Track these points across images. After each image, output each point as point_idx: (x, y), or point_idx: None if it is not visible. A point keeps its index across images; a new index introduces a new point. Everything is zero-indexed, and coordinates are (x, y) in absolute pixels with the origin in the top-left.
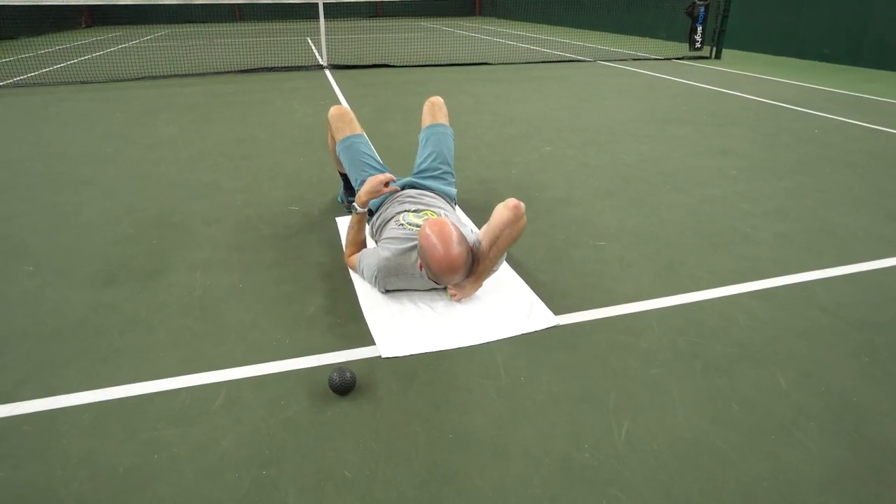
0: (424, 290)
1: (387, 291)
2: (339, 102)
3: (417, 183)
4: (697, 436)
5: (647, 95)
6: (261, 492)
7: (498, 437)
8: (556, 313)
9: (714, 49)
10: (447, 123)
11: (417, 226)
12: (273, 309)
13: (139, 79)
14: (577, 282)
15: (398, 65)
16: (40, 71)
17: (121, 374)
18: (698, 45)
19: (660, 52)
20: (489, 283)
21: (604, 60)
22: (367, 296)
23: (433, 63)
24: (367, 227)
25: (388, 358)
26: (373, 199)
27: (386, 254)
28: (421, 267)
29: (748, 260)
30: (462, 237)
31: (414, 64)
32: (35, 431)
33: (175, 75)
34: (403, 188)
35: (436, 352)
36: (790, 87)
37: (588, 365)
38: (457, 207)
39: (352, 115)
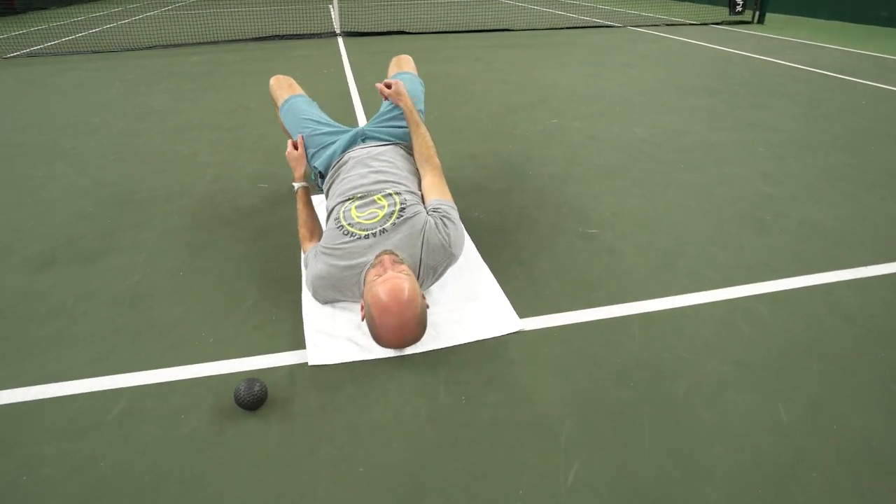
0: None
1: (325, 303)
2: (344, 71)
3: (368, 133)
4: (665, 488)
5: (676, 63)
6: None
7: (416, 476)
8: (523, 315)
9: (757, 13)
10: (414, 73)
11: (363, 231)
12: (208, 301)
13: (150, 48)
14: (556, 277)
15: (414, 31)
16: (59, 40)
17: (23, 374)
18: (739, 8)
19: (697, 16)
20: (448, 276)
21: (634, 26)
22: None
23: (450, 30)
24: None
25: (314, 366)
26: (300, 167)
27: (324, 266)
28: (362, 308)
29: (763, 253)
30: (416, 295)
31: (430, 31)
32: None
33: (185, 44)
34: (354, 139)
35: (371, 360)
36: (837, 54)
37: (547, 382)
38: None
39: (291, 80)
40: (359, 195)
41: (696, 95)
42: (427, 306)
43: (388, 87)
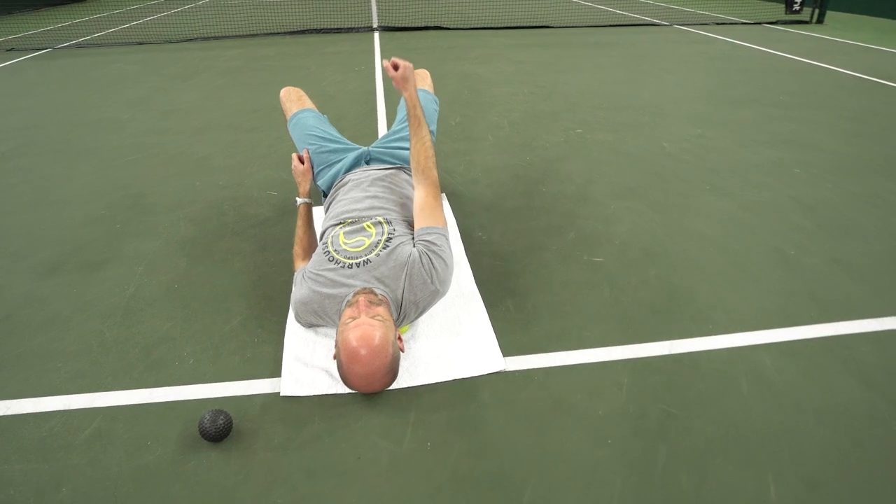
0: None
1: (308, 326)
2: (375, 68)
3: (373, 154)
4: None
5: (719, 67)
6: None
7: None
8: (508, 353)
9: (816, 12)
10: (430, 90)
11: (348, 259)
12: (195, 318)
13: (190, 40)
14: (550, 311)
15: (450, 27)
16: (108, 31)
17: (7, 386)
18: (797, 6)
19: (751, 14)
20: (438, 306)
21: (682, 24)
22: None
23: (488, 25)
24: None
25: (286, 397)
26: (305, 182)
27: (307, 292)
28: (335, 354)
29: (779, 295)
30: (387, 344)
31: (467, 27)
32: None
33: (225, 36)
34: (358, 160)
35: (344, 395)
36: None
37: (519, 433)
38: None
39: (301, 92)
40: (349, 220)
41: (734, 106)
42: (402, 350)
43: (396, 68)
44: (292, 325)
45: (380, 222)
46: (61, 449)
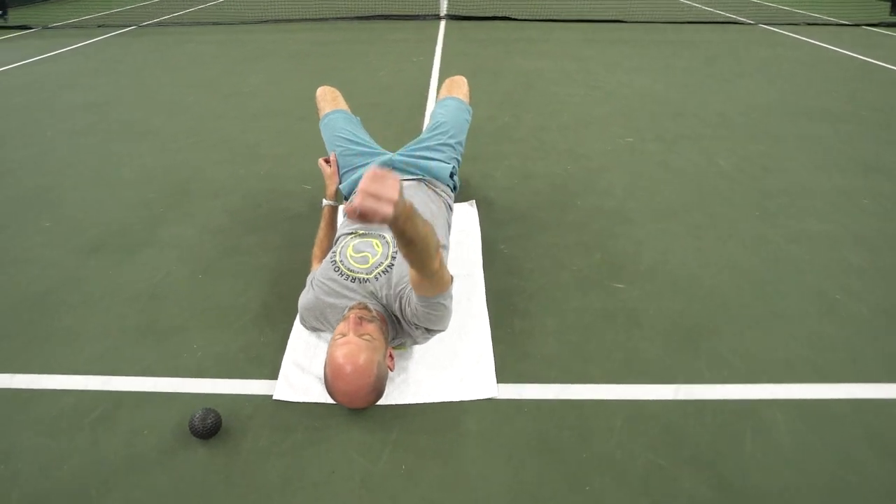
0: None
1: (312, 330)
2: (434, 58)
3: (397, 162)
4: None
5: (799, 75)
6: None
7: None
8: (504, 378)
9: None
10: (464, 100)
11: (350, 272)
12: (211, 310)
13: (263, 22)
14: (556, 338)
15: (519, 18)
16: (187, 10)
17: (37, 360)
18: None
19: (850, 14)
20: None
21: (769, 23)
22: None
23: (557, 18)
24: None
25: (277, 400)
26: (331, 185)
27: (312, 298)
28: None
29: (812, 346)
30: (371, 365)
31: (537, 18)
32: None
33: (296, 19)
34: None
35: (333, 405)
36: None
37: (496, 468)
38: (443, 194)
39: (336, 93)
40: (360, 231)
41: (811, 120)
42: (391, 369)
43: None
44: (297, 328)
45: (387, 241)
46: (70, 428)
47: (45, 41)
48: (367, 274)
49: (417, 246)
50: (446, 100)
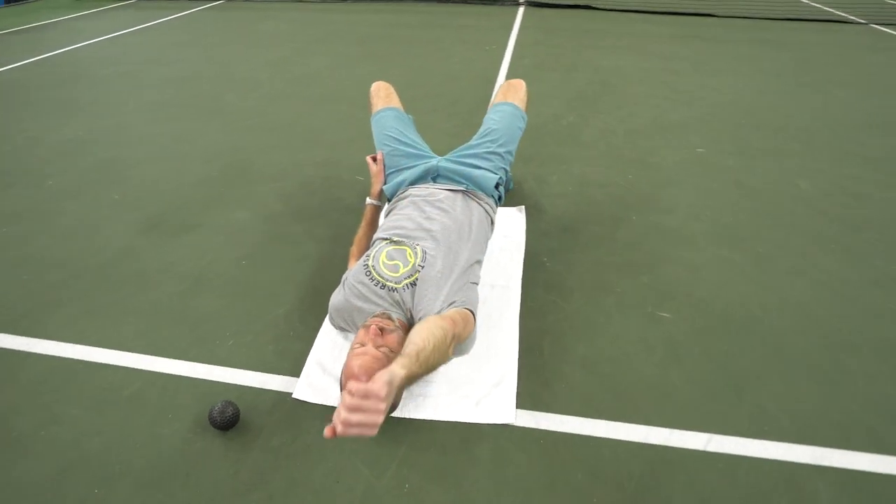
0: None
1: (339, 329)
2: (507, 48)
3: (442, 170)
4: None
5: None
6: None
7: None
8: (523, 404)
9: None
10: (519, 106)
11: (381, 279)
12: (249, 298)
13: (342, 0)
14: (586, 367)
15: (601, 7)
16: None
17: (88, 332)
18: None
19: None
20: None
21: (881, 23)
22: None
23: (643, 9)
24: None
25: (296, 399)
26: (376, 184)
27: (342, 299)
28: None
29: (878, 409)
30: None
31: (620, 8)
32: None
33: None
34: (425, 175)
35: None
36: None
37: (501, 500)
38: (486, 206)
39: (390, 89)
40: (395, 238)
41: None
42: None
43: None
44: (326, 326)
45: (417, 253)
46: (106, 403)
47: (141, 13)
48: (395, 283)
49: (428, 372)
50: (501, 105)
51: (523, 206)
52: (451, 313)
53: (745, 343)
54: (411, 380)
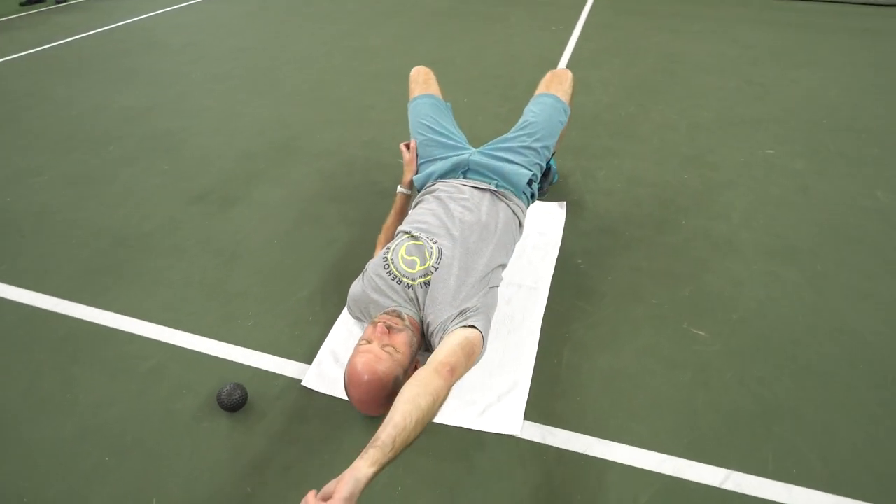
0: None
1: (355, 319)
2: (575, 28)
3: (473, 164)
4: None
5: None
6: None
7: None
8: (532, 415)
9: None
10: (562, 98)
11: (398, 273)
12: (276, 279)
13: None
14: (604, 381)
15: None
16: None
17: (119, 299)
18: None
19: None
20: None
21: None
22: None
23: None
24: None
25: (304, 387)
26: (408, 172)
27: (360, 289)
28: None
29: None
30: (387, 379)
31: None
32: (14, 320)
33: None
34: (455, 169)
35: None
36: None
37: None
38: (515, 207)
39: (429, 75)
40: (416, 234)
41: None
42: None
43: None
44: (344, 314)
45: (433, 253)
46: (126, 372)
47: None
48: (411, 280)
49: (418, 433)
50: (542, 96)
51: (565, 202)
52: (454, 348)
53: (784, 371)
54: (386, 466)
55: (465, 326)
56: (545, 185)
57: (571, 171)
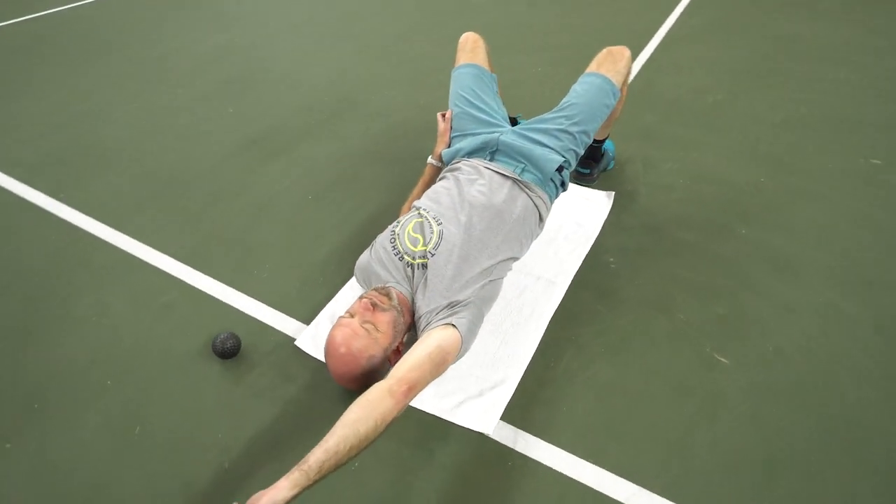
0: None
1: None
2: (676, 5)
3: (502, 146)
4: None
5: None
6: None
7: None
8: (508, 419)
9: None
10: (612, 79)
11: (401, 248)
12: (299, 236)
13: None
14: (598, 396)
15: None
16: None
17: (155, 236)
18: None
19: None
20: (486, 328)
21: None
22: None
23: None
24: None
25: (297, 347)
26: (441, 143)
27: (366, 259)
28: None
29: None
30: (361, 354)
31: None
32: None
33: None
34: (483, 148)
35: None
36: None
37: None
38: (537, 199)
39: (478, 43)
40: (422, 210)
41: None
42: (392, 364)
43: None
44: (352, 281)
45: (433, 236)
46: (143, 305)
47: None
48: (411, 258)
49: (353, 457)
50: (590, 76)
51: (613, 193)
52: (421, 360)
53: (810, 421)
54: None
55: (446, 325)
56: (596, 172)
57: (631, 158)
